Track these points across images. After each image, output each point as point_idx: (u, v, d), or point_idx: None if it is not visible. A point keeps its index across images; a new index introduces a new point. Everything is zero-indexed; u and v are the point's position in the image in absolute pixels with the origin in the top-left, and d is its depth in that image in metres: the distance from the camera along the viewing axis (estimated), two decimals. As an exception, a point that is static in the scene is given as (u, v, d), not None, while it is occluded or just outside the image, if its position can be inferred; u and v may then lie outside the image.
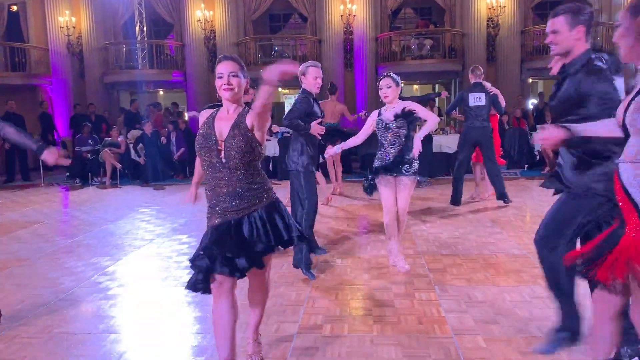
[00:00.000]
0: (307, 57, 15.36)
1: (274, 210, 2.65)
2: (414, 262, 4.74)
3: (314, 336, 3.28)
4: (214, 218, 2.62)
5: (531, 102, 17.09)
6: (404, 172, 4.37)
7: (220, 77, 2.67)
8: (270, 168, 11.40)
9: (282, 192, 9.13)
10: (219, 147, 2.57)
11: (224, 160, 2.56)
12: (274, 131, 8.46)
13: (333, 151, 4.60)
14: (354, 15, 15.16)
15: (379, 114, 4.50)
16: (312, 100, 4.54)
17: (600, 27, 14.94)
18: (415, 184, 4.45)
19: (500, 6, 14.72)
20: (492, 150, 7.30)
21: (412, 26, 17.27)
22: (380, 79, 4.48)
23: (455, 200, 7.44)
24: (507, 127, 12.34)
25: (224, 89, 2.65)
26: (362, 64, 15.34)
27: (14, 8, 16.50)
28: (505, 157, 12.23)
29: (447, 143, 11.00)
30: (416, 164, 4.43)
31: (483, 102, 7.18)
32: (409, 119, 4.35)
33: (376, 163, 4.51)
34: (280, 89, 18.87)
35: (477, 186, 7.98)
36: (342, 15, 15.23)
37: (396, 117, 4.35)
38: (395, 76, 4.45)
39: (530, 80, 16.61)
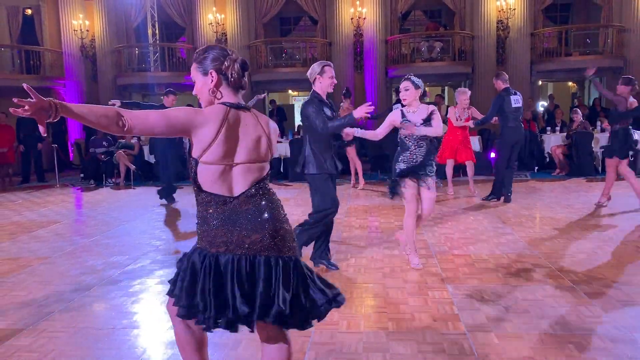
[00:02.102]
0: (317, 60, 15.43)
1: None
2: (426, 262, 4.83)
3: (331, 332, 3.38)
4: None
5: (541, 105, 17.13)
6: (428, 173, 4.53)
7: None
8: (282, 169, 11.54)
9: (293, 192, 9.28)
10: None
11: None
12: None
13: (351, 132, 4.51)
14: (364, 18, 15.27)
15: (403, 115, 4.53)
16: (318, 101, 4.49)
17: (610, 29, 14.96)
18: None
19: (510, 9, 14.77)
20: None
21: (421, 29, 17.36)
22: (401, 82, 4.56)
23: (500, 193, 7.85)
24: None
25: None
26: (372, 66, 15.45)
27: (29, 12, 16.78)
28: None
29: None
30: (435, 167, 4.60)
31: (520, 103, 7.58)
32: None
33: (402, 165, 4.54)
34: (290, 91, 19.03)
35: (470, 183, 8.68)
36: (352, 18, 15.35)
37: (425, 120, 4.47)
38: (415, 79, 4.51)
39: (540, 82, 16.66)
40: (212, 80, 2.17)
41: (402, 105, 4.69)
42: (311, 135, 4.56)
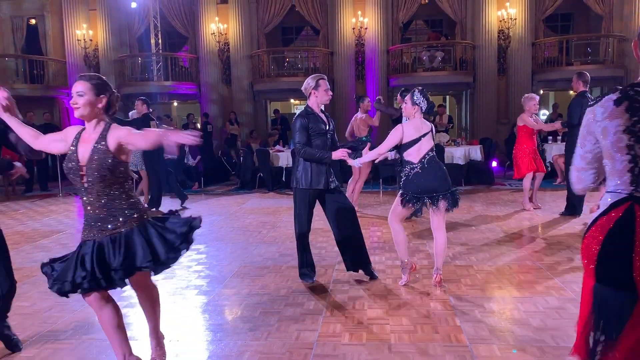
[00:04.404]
0: (319, 69, 15.59)
1: (143, 231, 2.71)
2: (428, 273, 4.84)
3: (334, 344, 3.39)
4: (84, 233, 2.77)
5: (542, 113, 17.15)
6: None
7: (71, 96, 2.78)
8: (284, 178, 11.56)
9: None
10: (81, 172, 2.68)
11: (86, 185, 2.68)
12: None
13: (354, 162, 4.44)
14: (366, 28, 15.36)
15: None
16: (308, 115, 4.45)
17: (611, 39, 15.02)
18: (399, 198, 4.42)
19: (511, 18, 14.85)
20: None
21: (423, 38, 17.45)
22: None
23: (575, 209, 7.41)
24: (518, 139, 12.38)
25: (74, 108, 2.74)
26: (374, 75, 15.52)
27: (33, 22, 16.92)
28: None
29: (458, 154, 11.09)
30: (401, 181, 4.43)
31: None
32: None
33: None
34: (292, 100, 19.10)
35: (534, 195, 8.13)
36: (353, 28, 15.44)
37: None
38: (417, 96, 4.36)
39: (541, 91, 16.69)
40: None
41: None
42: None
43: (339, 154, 4.33)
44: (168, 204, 9.71)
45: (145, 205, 8.80)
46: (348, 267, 4.72)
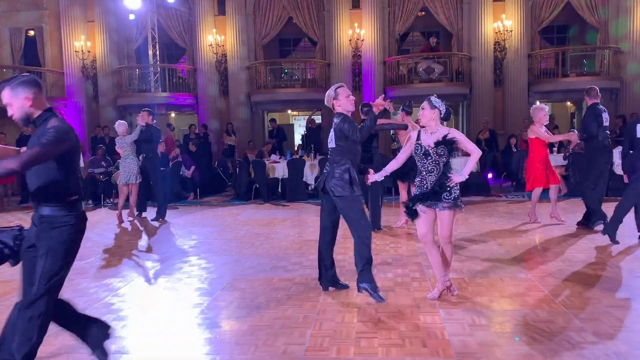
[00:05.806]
0: (316, 81, 15.66)
1: None
2: (419, 286, 4.82)
3: (322, 358, 3.36)
4: None
5: (539, 124, 17.17)
6: (444, 199, 4.23)
7: None
8: (280, 190, 11.56)
9: (290, 213, 9.27)
10: None
11: None
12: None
13: (375, 177, 4.53)
14: (362, 40, 15.44)
15: (418, 137, 4.34)
16: (347, 117, 4.52)
17: (607, 51, 15.10)
18: (455, 211, 4.29)
19: (507, 30, 14.94)
20: None
21: (419, 49, 17.52)
22: None
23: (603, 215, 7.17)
24: (514, 150, 12.43)
25: None
26: (371, 86, 15.57)
27: (31, 33, 17.01)
28: (512, 179, 12.31)
29: (454, 166, 11.03)
30: (457, 191, 4.27)
31: (608, 121, 7.21)
32: (449, 147, 4.22)
33: (415, 191, 4.39)
34: (289, 111, 19.15)
35: (553, 208, 7.90)
36: (350, 40, 15.52)
37: (437, 144, 4.21)
38: (434, 99, 4.30)
39: (537, 103, 16.73)
40: None
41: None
42: (349, 154, 4.51)
43: (380, 105, 4.68)
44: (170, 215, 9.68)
45: (136, 214, 8.77)
46: (330, 279, 4.80)
